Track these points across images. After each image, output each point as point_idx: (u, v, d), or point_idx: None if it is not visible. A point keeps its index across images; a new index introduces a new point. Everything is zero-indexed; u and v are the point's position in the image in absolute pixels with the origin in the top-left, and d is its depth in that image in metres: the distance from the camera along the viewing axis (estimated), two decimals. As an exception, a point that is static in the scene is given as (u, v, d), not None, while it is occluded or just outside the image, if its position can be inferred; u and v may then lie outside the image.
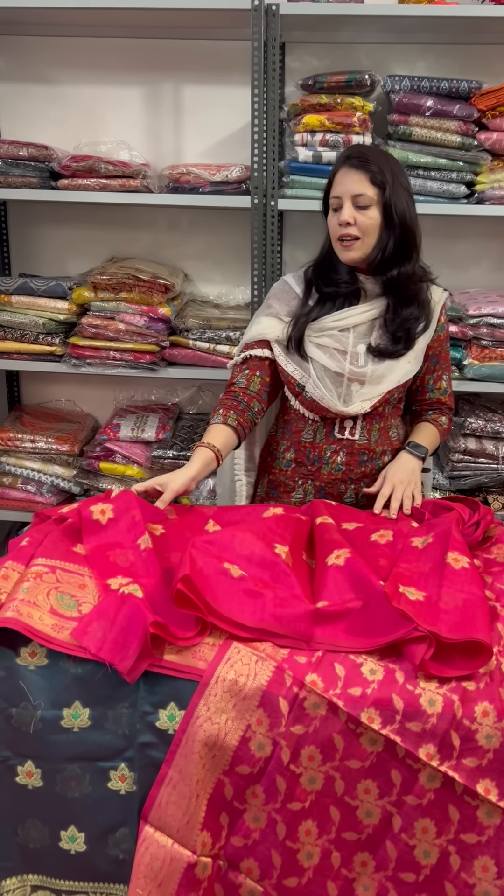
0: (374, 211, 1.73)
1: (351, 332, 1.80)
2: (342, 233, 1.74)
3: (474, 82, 2.20)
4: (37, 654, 1.27)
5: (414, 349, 1.82)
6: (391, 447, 1.87)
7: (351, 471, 1.85)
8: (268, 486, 1.96)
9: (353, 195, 1.72)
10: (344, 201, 1.74)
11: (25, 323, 2.41)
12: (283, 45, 2.41)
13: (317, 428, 1.85)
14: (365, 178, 1.72)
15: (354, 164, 1.73)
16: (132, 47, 2.48)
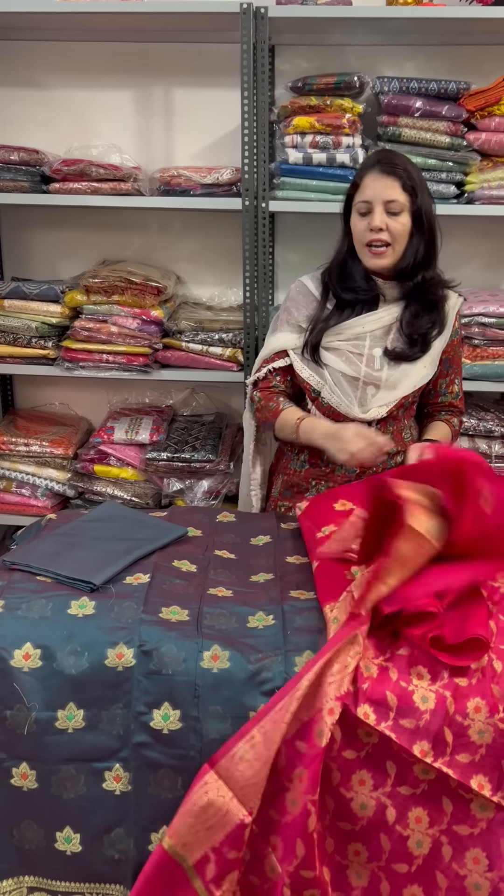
0: (405, 217, 1.73)
1: (367, 336, 1.81)
2: (373, 238, 1.73)
3: (463, 83, 2.21)
4: (30, 656, 1.28)
5: (430, 353, 1.83)
6: (404, 448, 1.89)
7: (365, 472, 1.85)
8: (282, 487, 1.97)
9: (386, 201, 1.71)
10: (375, 206, 1.72)
11: (18, 327, 2.42)
12: (272, 48, 2.42)
13: None
14: (397, 184, 1.71)
15: (386, 170, 1.71)
16: (122, 51, 2.49)
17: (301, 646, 1.29)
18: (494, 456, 2.38)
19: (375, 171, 1.73)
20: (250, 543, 1.63)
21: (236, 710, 1.25)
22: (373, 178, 1.73)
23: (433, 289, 1.81)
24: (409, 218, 1.73)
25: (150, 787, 1.26)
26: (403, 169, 1.72)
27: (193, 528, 1.67)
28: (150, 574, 1.43)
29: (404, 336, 1.81)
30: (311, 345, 1.82)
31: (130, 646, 1.27)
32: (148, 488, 2.51)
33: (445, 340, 1.86)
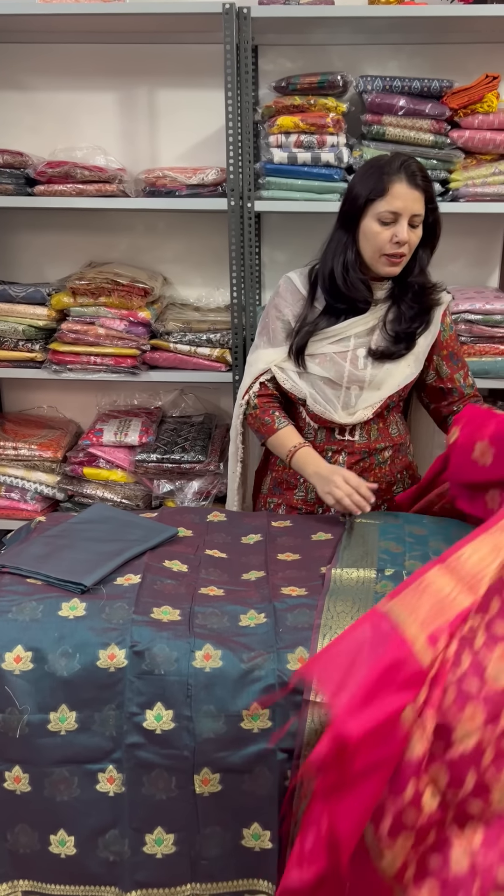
0: (420, 229, 1.75)
1: (352, 337, 1.81)
2: (396, 251, 1.72)
3: (445, 81, 2.22)
4: (22, 658, 1.27)
5: (414, 351, 1.83)
6: (392, 443, 1.89)
7: (351, 469, 1.86)
8: (271, 484, 1.98)
9: (413, 215, 1.71)
10: (402, 219, 1.70)
11: (5, 330, 2.41)
12: (255, 48, 2.42)
13: (316, 430, 1.88)
14: (422, 197, 1.71)
15: (417, 183, 1.70)
16: (105, 52, 2.49)
17: (293, 643, 1.29)
18: (483, 452, 2.39)
19: (406, 183, 1.69)
20: (241, 542, 1.63)
21: (229, 709, 1.25)
22: (403, 189, 1.69)
23: (428, 293, 1.82)
24: (421, 230, 1.75)
25: (144, 788, 1.26)
26: (425, 179, 1.72)
27: (184, 528, 1.67)
28: (140, 575, 1.43)
29: (389, 334, 1.81)
30: (297, 348, 1.82)
31: (122, 646, 1.27)
32: (138, 490, 2.51)
33: (432, 338, 1.86)
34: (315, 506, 1.92)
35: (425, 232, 1.76)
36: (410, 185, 1.70)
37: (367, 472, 1.87)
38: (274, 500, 1.95)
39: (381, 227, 1.72)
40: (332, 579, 1.43)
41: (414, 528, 1.64)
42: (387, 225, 1.72)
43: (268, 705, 1.23)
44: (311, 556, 1.56)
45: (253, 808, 1.27)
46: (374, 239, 1.73)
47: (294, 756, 1.25)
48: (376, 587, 1.39)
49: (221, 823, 1.28)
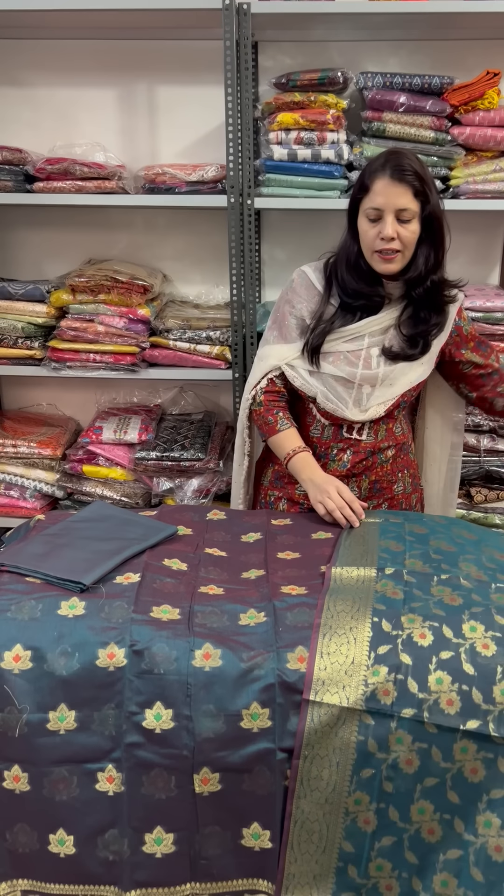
0: (415, 224, 1.70)
1: (366, 336, 1.80)
2: (384, 247, 1.70)
3: (446, 78, 2.21)
4: (21, 657, 1.27)
5: (428, 353, 1.82)
6: (395, 442, 1.89)
7: (354, 467, 1.86)
8: (272, 477, 1.98)
9: (398, 210, 1.68)
10: (386, 215, 1.68)
11: (4, 327, 2.40)
12: (255, 44, 2.41)
13: (325, 426, 1.86)
14: (409, 191, 1.67)
15: (398, 177, 1.67)
16: (105, 49, 2.48)
17: (293, 642, 1.29)
18: (483, 450, 2.39)
19: (386, 178, 1.67)
20: (241, 541, 1.63)
21: (229, 709, 1.24)
22: (384, 185, 1.67)
23: (442, 291, 1.80)
24: (418, 224, 1.70)
25: (144, 788, 1.26)
26: (414, 173, 1.68)
27: (184, 526, 1.66)
28: (140, 573, 1.42)
29: (404, 336, 1.79)
30: (312, 347, 1.80)
31: (122, 646, 1.26)
32: (137, 488, 2.50)
33: (444, 339, 1.85)
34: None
35: (426, 226, 1.73)
36: (394, 180, 1.67)
37: (369, 470, 1.87)
38: (275, 493, 1.95)
39: (369, 224, 1.72)
40: (332, 578, 1.42)
41: (414, 527, 1.63)
42: (374, 222, 1.71)
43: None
44: (310, 554, 1.56)
45: (252, 807, 1.27)
46: (364, 237, 1.74)
47: (293, 756, 1.25)
48: (376, 586, 1.39)
49: (221, 823, 1.27)
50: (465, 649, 1.28)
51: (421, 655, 1.27)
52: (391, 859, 1.28)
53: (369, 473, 1.87)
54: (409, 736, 1.25)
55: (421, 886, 1.27)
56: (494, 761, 1.25)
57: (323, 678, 1.25)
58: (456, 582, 1.41)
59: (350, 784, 1.26)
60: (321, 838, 1.27)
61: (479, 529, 1.72)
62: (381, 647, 1.28)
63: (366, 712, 1.25)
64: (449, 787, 1.25)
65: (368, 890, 1.29)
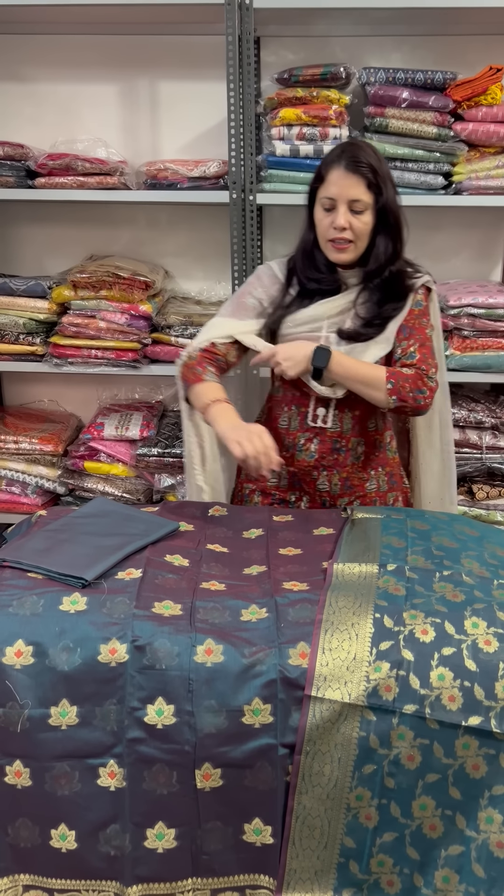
0: (368, 216, 1.72)
1: (325, 323, 1.80)
2: (336, 236, 1.72)
3: (449, 73, 2.21)
4: (22, 653, 1.27)
5: (385, 333, 1.80)
6: (367, 438, 1.88)
7: (324, 458, 1.86)
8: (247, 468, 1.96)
9: (350, 200, 1.70)
10: (339, 205, 1.70)
11: (5, 323, 2.40)
12: (257, 40, 2.40)
13: (291, 415, 1.87)
14: (362, 183, 1.69)
15: (351, 168, 1.69)
16: (106, 44, 2.47)
17: (294, 638, 1.29)
18: (485, 447, 2.38)
19: (340, 168, 1.70)
20: (242, 537, 1.63)
21: (231, 704, 1.24)
22: (338, 175, 1.70)
23: (402, 281, 1.80)
24: (371, 216, 1.72)
25: (145, 783, 1.26)
26: (368, 166, 1.69)
27: (185, 522, 1.66)
28: (141, 569, 1.42)
29: (360, 318, 1.80)
30: (269, 329, 1.82)
31: (123, 641, 1.26)
32: (139, 484, 2.50)
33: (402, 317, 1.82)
34: (287, 492, 1.91)
35: (380, 218, 1.74)
36: (348, 171, 1.69)
37: (339, 466, 1.86)
38: (249, 486, 1.96)
39: (323, 213, 1.74)
40: (333, 574, 1.42)
41: (416, 523, 1.63)
42: (328, 211, 1.73)
43: None
44: (312, 550, 1.56)
45: (254, 803, 1.27)
46: (318, 225, 1.76)
47: (295, 751, 1.25)
48: (378, 582, 1.39)
49: (222, 818, 1.27)
50: (467, 645, 1.28)
51: (423, 651, 1.27)
52: (393, 855, 1.28)
53: (340, 469, 1.87)
54: (410, 732, 1.24)
55: (422, 882, 1.27)
56: (496, 757, 1.25)
57: (325, 674, 1.25)
58: (458, 578, 1.41)
59: (352, 780, 1.26)
60: (323, 834, 1.27)
61: (481, 526, 1.71)
62: (383, 643, 1.28)
63: (367, 708, 1.24)
64: (450, 783, 1.25)
65: (370, 886, 1.29)
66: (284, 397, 1.88)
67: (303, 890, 1.29)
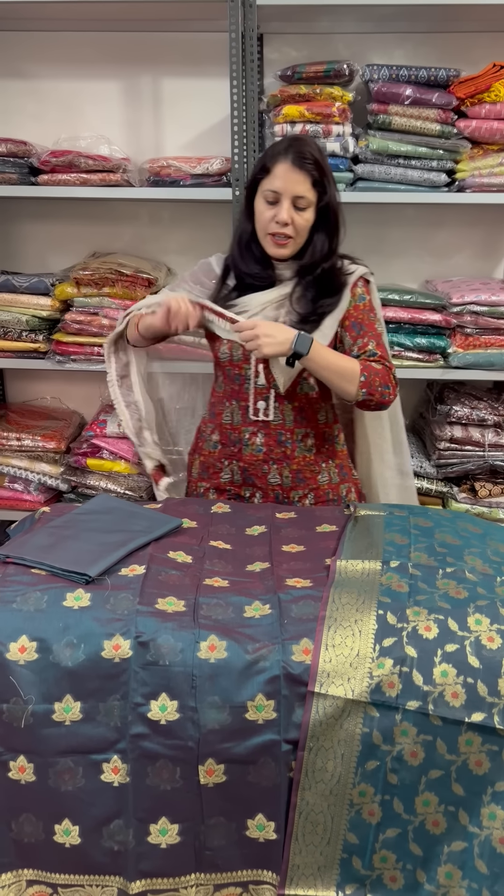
0: (310, 213, 1.74)
1: (259, 314, 1.81)
2: (277, 231, 1.73)
3: (452, 70, 2.20)
4: (26, 648, 1.27)
5: (321, 329, 1.80)
6: (316, 430, 1.88)
7: (271, 451, 1.87)
8: (200, 468, 1.99)
9: (295, 196, 1.71)
10: (283, 199, 1.71)
11: (8, 320, 2.40)
12: (260, 37, 2.40)
13: (233, 410, 1.88)
14: (308, 180, 1.71)
15: (298, 164, 1.70)
16: (109, 41, 2.47)
17: (298, 634, 1.29)
18: (488, 445, 2.38)
19: (287, 162, 1.70)
20: (245, 533, 1.63)
21: (234, 700, 1.25)
22: (284, 170, 1.70)
23: (336, 277, 1.81)
24: (313, 213, 1.74)
25: (149, 779, 1.26)
26: (314, 163, 1.70)
27: (188, 519, 1.66)
28: (145, 565, 1.42)
29: (296, 313, 1.81)
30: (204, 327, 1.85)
31: (127, 637, 1.26)
32: (141, 481, 2.50)
33: (341, 312, 1.83)
34: (241, 487, 1.92)
35: (321, 216, 1.75)
36: (294, 166, 1.70)
37: (288, 458, 1.87)
38: (203, 485, 1.97)
39: (265, 206, 1.74)
40: (337, 571, 1.42)
41: (419, 520, 1.63)
42: (271, 204, 1.73)
43: None
44: (315, 547, 1.56)
45: (257, 798, 1.27)
46: (259, 217, 1.77)
47: (298, 747, 1.25)
48: (381, 579, 1.39)
49: (226, 814, 1.28)
50: (470, 642, 1.28)
51: (426, 648, 1.27)
52: (396, 851, 1.28)
53: (290, 462, 1.87)
54: (413, 728, 1.25)
55: (425, 878, 1.28)
56: (499, 754, 1.25)
57: (328, 670, 1.25)
58: (461, 575, 1.41)
59: (355, 776, 1.26)
60: (326, 830, 1.28)
61: (483, 523, 1.71)
62: (387, 639, 1.28)
63: (371, 704, 1.25)
64: (454, 779, 1.26)
65: (373, 881, 1.29)
66: (225, 392, 1.90)
67: (306, 885, 1.29)
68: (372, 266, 1.91)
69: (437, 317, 2.30)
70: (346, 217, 1.83)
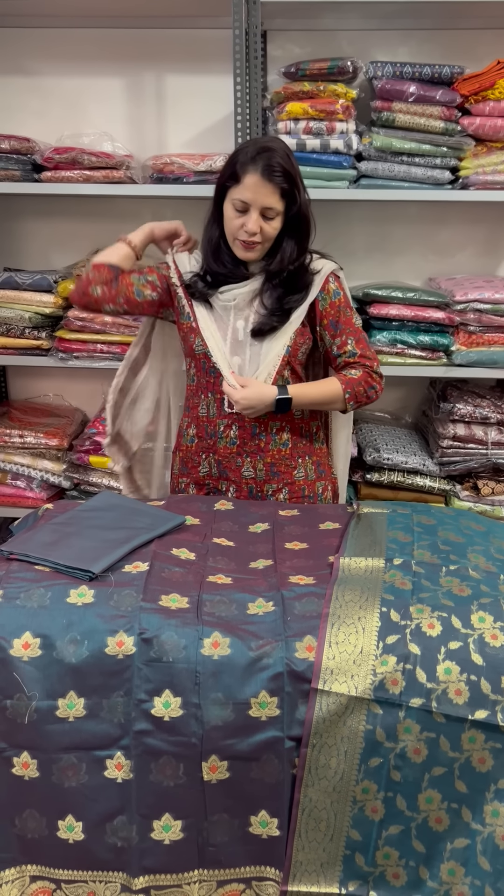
0: (278, 221, 1.76)
1: (231, 310, 1.84)
2: (245, 239, 1.76)
3: (456, 67, 2.20)
4: (30, 645, 1.27)
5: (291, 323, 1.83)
6: (292, 424, 1.90)
7: (245, 444, 1.88)
8: (179, 464, 2.01)
9: (265, 207, 1.73)
10: (252, 210, 1.73)
11: (11, 317, 2.40)
12: (264, 33, 2.40)
13: (208, 402, 1.90)
14: (277, 192, 1.72)
15: (267, 177, 1.71)
16: (113, 37, 2.47)
17: (301, 631, 1.29)
18: (491, 443, 2.38)
19: (257, 174, 1.71)
20: (248, 531, 1.63)
21: (237, 697, 1.25)
22: (253, 182, 1.71)
23: (302, 276, 1.83)
24: (281, 221, 1.76)
25: (152, 775, 1.26)
26: (283, 174, 1.71)
27: (191, 516, 1.66)
28: (148, 562, 1.42)
29: (266, 310, 1.84)
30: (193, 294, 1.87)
31: (130, 634, 1.26)
32: (144, 478, 2.50)
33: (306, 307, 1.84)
34: (219, 480, 1.93)
35: (290, 224, 1.77)
36: (264, 178, 1.71)
37: (263, 452, 1.88)
38: (184, 480, 1.99)
39: (234, 213, 1.76)
40: (340, 568, 1.42)
41: (422, 518, 1.63)
42: (240, 213, 1.75)
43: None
44: (318, 544, 1.56)
45: (261, 795, 1.27)
46: (228, 223, 1.79)
47: (301, 744, 1.25)
48: (385, 576, 1.39)
49: (229, 810, 1.28)
50: (473, 640, 1.28)
51: (429, 645, 1.27)
52: (398, 848, 1.28)
53: (263, 455, 1.88)
54: (417, 725, 1.25)
55: (428, 875, 1.28)
56: (502, 751, 1.25)
57: (331, 667, 1.25)
58: (464, 573, 1.41)
59: (358, 773, 1.26)
60: (329, 826, 1.28)
61: (486, 521, 1.71)
62: (390, 636, 1.28)
63: (374, 702, 1.25)
64: (457, 776, 1.26)
65: (375, 878, 1.29)
66: (199, 385, 1.91)
67: (308, 882, 1.29)
68: (375, 263, 1.92)
69: (441, 314, 2.30)
70: (350, 214, 1.84)
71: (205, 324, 1.85)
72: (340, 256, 1.96)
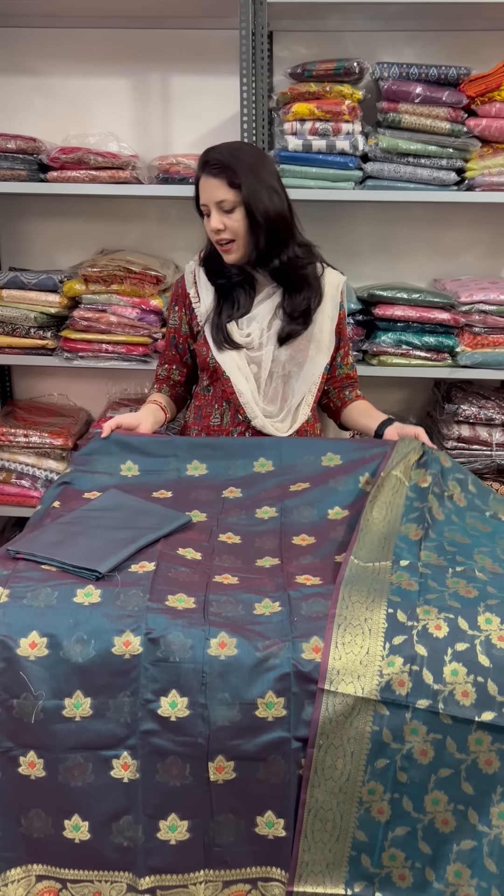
0: (238, 213, 1.77)
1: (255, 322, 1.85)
2: (216, 238, 1.80)
3: (463, 68, 2.20)
4: (37, 644, 1.27)
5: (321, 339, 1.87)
6: (298, 430, 1.90)
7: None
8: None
9: (217, 202, 1.76)
10: (211, 209, 1.78)
11: (16, 317, 2.40)
12: (270, 34, 2.40)
13: (223, 412, 1.90)
14: (223, 183, 1.75)
15: (211, 172, 1.75)
16: (119, 38, 2.47)
17: (308, 632, 1.29)
18: (495, 444, 2.38)
19: (204, 174, 1.77)
20: (255, 517, 1.63)
21: (244, 697, 1.24)
22: (204, 182, 1.78)
23: (295, 269, 1.84)
24: (241, 213, 1.77)
25: (158, 775, 1.26)
26: (221, 166, 1.74)
27: (198, 510, 1.65)
28: (155, 562, 1.42)
29: (287, 315, 1.86)
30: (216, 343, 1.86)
31: (137, 633, 1.26)
32: (148, 478, 2.50)
33: (334, 316, 1.89)
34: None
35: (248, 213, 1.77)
36: (207, 175, 1.76)
37: None
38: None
39: (205, 220, 1.83)
40: (346, 569, 1.42)
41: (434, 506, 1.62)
42: (208, 217, 1.81)
43: None
44: (325, 538, 1.56)
45: (267, 795, 1.27)
46: (206, 231, 1.84)
47: (308, 745, 1.25)
48: (391, 577, 1.39)
49: (235, 811, 1.28)
50: (480, 641, 1.28)
51: (436, 647, 1.27)
52: (404, 849, 1.28)
53: None
54: (423, 727, 1.25)
55: (434, 877, 1.28)
56: (509, 753, 1.25)
57: (338, 668, 1.25)
58: (471, 574, 1.41)
59: (364, 774, 1.26)
60: (335, 827, 1.28)
61: (492, 522, 1.71)
62: (397, 637, 1.28)
63: (381, 702, 1.25)
64: (463, 778, 1.26)
65: (381, 879, 1.29)
66: (215, 395, 1.92)
67: (314, 883, 1.29)
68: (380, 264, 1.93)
69: (446, 315, 2.30)
70: (355, 215, 1.84)
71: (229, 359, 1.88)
72: (346, 257, 1.97)
